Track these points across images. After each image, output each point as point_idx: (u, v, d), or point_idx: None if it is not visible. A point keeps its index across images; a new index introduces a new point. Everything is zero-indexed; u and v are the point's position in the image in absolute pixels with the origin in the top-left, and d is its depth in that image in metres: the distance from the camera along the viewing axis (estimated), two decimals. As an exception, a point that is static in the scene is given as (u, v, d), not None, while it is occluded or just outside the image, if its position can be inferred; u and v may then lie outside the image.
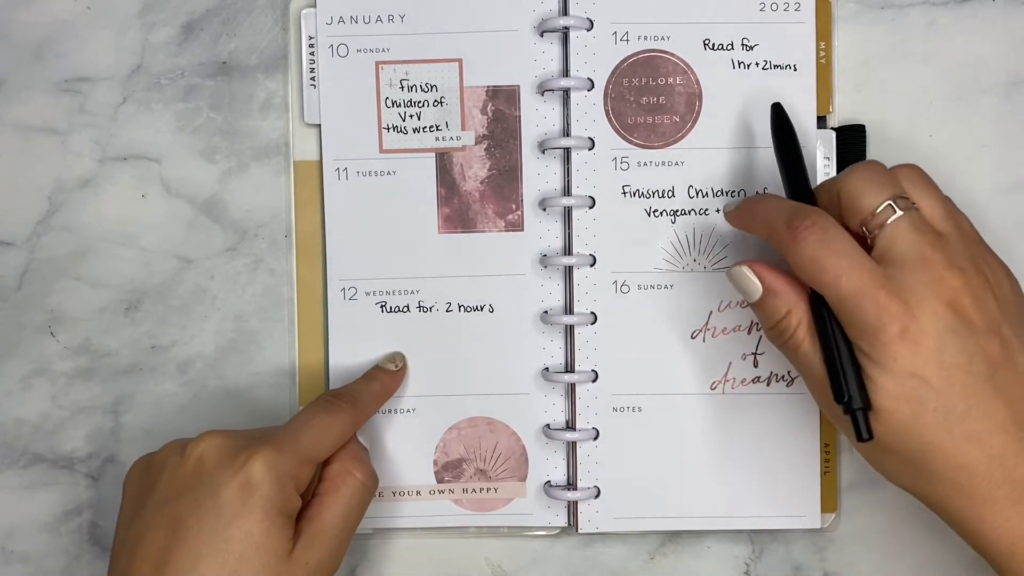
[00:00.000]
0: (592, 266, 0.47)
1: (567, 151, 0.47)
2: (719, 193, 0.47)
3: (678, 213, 0.47)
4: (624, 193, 0.47)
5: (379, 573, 0.49)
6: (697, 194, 0.47)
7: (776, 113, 0.44)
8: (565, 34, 0.47)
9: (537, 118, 0.47)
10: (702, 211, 0.47)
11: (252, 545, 0.38)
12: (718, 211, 0.47)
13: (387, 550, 0.49)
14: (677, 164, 0.47)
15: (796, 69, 0.47)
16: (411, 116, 0.47)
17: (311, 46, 0.48)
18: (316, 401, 0.43)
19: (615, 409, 0.47)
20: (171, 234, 0.49)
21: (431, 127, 0.47)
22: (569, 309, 0.47)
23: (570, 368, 0.47)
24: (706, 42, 0.47)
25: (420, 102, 0.47)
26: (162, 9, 0.49)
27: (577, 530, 0.48)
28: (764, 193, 0.46)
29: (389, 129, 0.48)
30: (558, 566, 0.49)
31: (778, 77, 0.47)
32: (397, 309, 0.48)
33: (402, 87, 0.47)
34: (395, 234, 0.48)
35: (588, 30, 0.47)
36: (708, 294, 0.47)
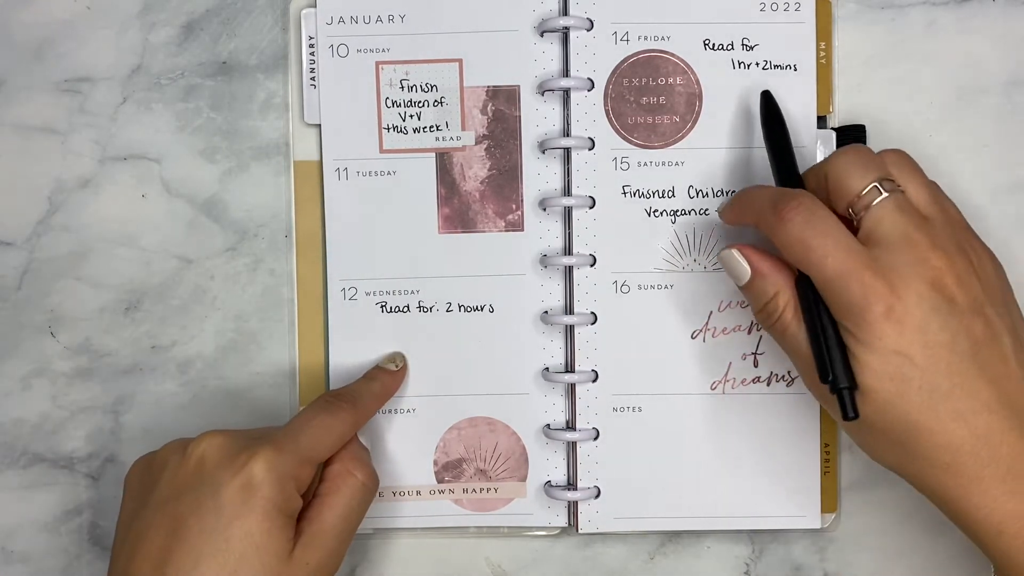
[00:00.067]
0: (592, 266, 0.47)
1: (567, 151, 0.47)
2: (719, 193, 0.47)
3: (678, 213, 0.47)
4: (624, 193, 0.47)
5: (379, 573, 0.49)
6: (697, 194, 0.47)
7: (765, 100, 0.44)
8: (565, 34, 0.47)
9: (537, 118, 0.47)
10: (702, 211, 0.47)
11: (252, 545, 0.38)
12: (718, 211, 0.47)
13: (387, 550, 0.49)
14: (677, 164, 0.47)
15: (796, 69, 0.47)
16: (411, 116, 0.47)
17: (311, 46, 0.48)
18: (316, 401, 0.43)
19: (615, 409, 0.47)
20: (171, 234, 0.49)
21: (431, 127, 0.47)
22: (569, 309, 0.47)
23: (570, 368, 0.47)
24: (706, 42, 0.47)
25: (420, 102, 0.47)
26: (162, 9, 0.49)
27: (577, 530, 0.48)
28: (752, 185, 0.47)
29: (389, 129, 0.48)
30: (558, 566, 0.49)
31: (778, 77, 0.47)
32: (397, 309, 0.48)
33: (402, 87, 0.47)
34: (395, 234, 0.48)
35: (588, 30, 0.47)
36: (708, 294, 0.47)
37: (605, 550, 0.49)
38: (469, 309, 0.48)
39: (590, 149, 0.47)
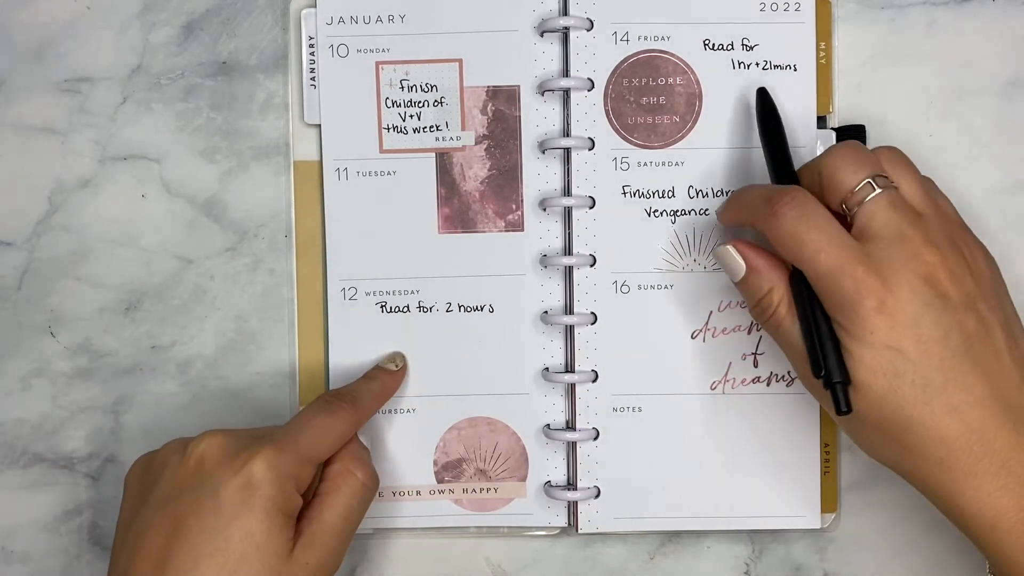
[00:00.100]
0: (592, 266, 0.47)
1: (567, 151, 0.47)
2: (719, 193, 0.47)
3: (678, 213, 0.47)
4: (624, 193, 0.47)
5: (379, 573, 0.49)
6: (697, 194, 0.47)
7: (761, 98, 0.45)
8: (565, 34, 0.47)
9: (537, 118, 0.47)
10: (702, 211, 0.47)
11: (252, 545, 0.38)
12: (716, 213, 0.47)
13: (387, 550, 0.49)
14: (677, 164, 0.47)
15: (796, 69, 0.47)
16: (411, 116, 0.47)
17: (311, 46, 0.48)
18: (316, 401, 0.43)
19: (615, 409, 0.47)
20: (171, 234, 0.49)
21: (431, 127, 0.47)
22: (569, 309, 0.47)
23: (570, 368, 0.47)
24: (706, 42, 0.47)
25: (420, 102, 0.47)
26: (162, 9, 0.49)
27: (577, 530, 0.48)
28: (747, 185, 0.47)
29: (389, 129, 0.48)
30: (558, 566, 0.49)
31: (778, 77, 0.47)
32: (397, 309, 0.48)
33: (402, 87, 0.47)
34: (395, 234, 0.48)
35: (588, 30, 0.47)
36: (708, 294, 0.47)
37: (605, 550, 0.49)
38: (469, 309, 0.48)
39: (590, 149, 0.47)
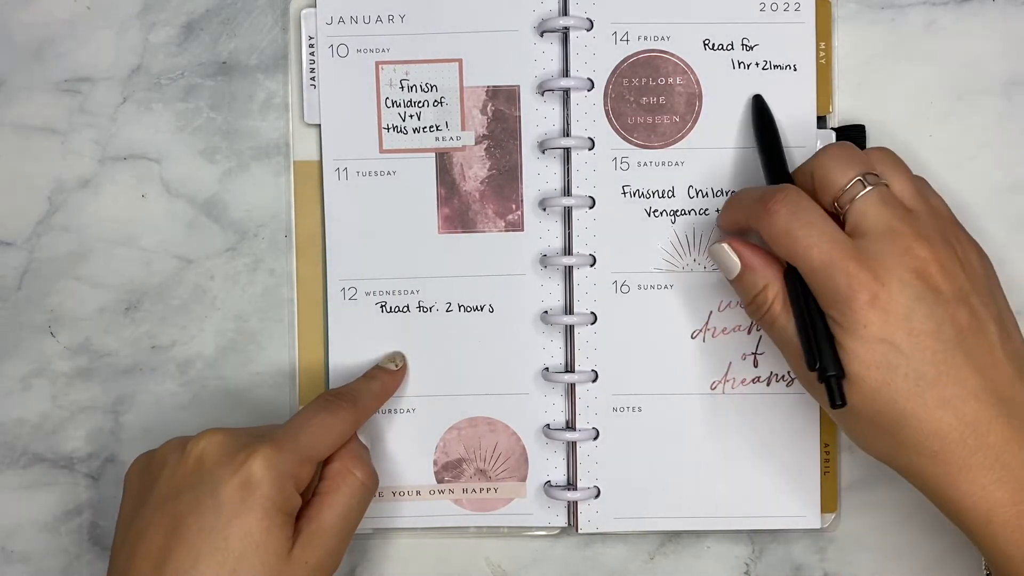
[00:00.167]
0: (592, 266, 0.47)
1: (567, 151, 0.47)
2: (719, 193, 0.47)
3: (678, 213, 0.47)
4: (624, 193, 0.47)
5: (379, 573, 0.49)
6: (697, 194, 0.47)
7: (757, 104, 0.46)
8: (565, 34, 0.47)
9: (537, 118, 0.47)
10: (702, 211, 0.47)
11: (252, 544, 0.38)
12: (718, 211, 0.47)
13: (387, 550, 0.49)
14: (677, 164, 0.47)
15: (796, 69, 0.47)
16: (411, 116, 0.47)
17: (311, 46, 0.48)
18: (316, 400, 0.43)
19: (615, 409, 0.47)
20: (171, 234, 0.49)
21: (431, 127, 0.47)
22: (569, 309, 0.47)
23: (570, 368, 0.47)
24: (706, 42, 0.47)
25: (420, 102, 0.47)
26: (162, 9, 0.49)
27: (577, 530, 0.48)
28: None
29: (389, 129, 0.48)
30: (558, 566, 0.49)
31: (778, 77, 0.47)
32: (397, 309, 0.48)
33: (402, 87, 0.47)
34: (395, 234, 0.48)
35: (588, 30, 0.47)
36: (708, 294, 0.47)
37: (605, 550, 0.49)
38: (469, 309, 0.48)
39: (590, 149, 0.47)
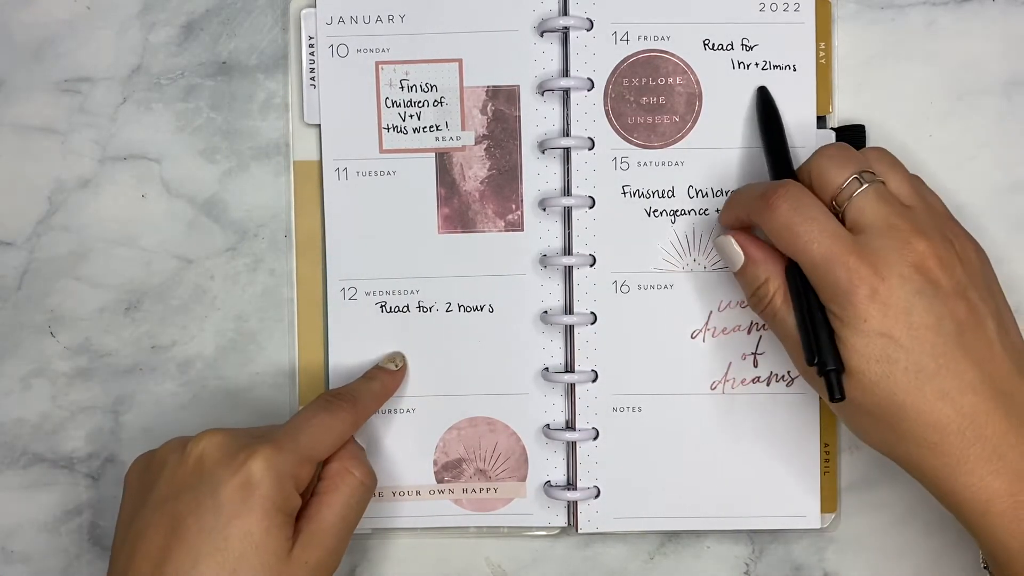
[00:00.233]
0: (592, 266, 0.47)
1: (567, 151, 0.47)
2: (719, 193, 0.47)
3: (678, 213, 0.47)
4: (624, 193, 0.47)
5: (379, 573, 0.49)
6: (697, 194, 0.47)
7: (761, 96, 0.46)
8: (565, 34, 0.47)
9: (537, 118, 0.47)
10: (702, 211, 0.47)
11: (251, 544, 0.38)
12: (718, 211, 0.47)
13: (387, 550, 0.49)
14: (677, 164, 0.47)
15: (796, 69, 0.47)
16: (411, 116, 0.47)
17: (311, 46, 0.48)
18: (316, 400, 0.43)
19: (615, 409, 0.47)
20: (171, 234, 0.49)
21: (431, 127, 0.47)
22: (569, 309, 0.47)
23: (570, 368, 0.47)
24: (706, 42, 0.47)
25: (420, 102, 0.47)
26: (162, 9, 0.49)
27: (577, 530, 0.48)
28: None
29: (389, 129, 0.48)
30: (558, 566, 0.49)
31: (778, 77, 0.47)
32: (397, 309, 0.48)
33: (402, 87, 0.47)
34: (395, 234, 0.48)
35: (588, 30, 0.47)
36: (708, 294, 0.47)
37: (605, 550, 0.49)
38: (469, 309, 0.48)
39: (590, 149, 0.47)
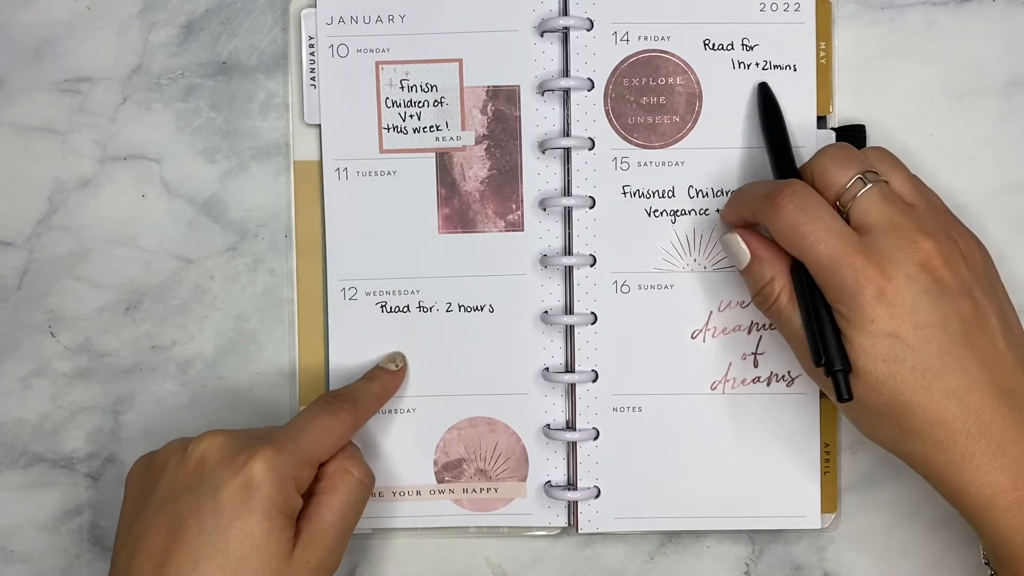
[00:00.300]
0: (592, 266, 0.47)
1: (567, 151, 0.47)
2: (719, 193, 0.47)
3: (678, 213, 0.47)
4: (624, 193, 0.47)
5: (379, 573, 0.49)
6: (697, 194, 0.47)
7: (763, 92, 0.45)
8: (565, 34, 0.47)
9: (537, 118, 0.47)
10: (702, 211, 0.47)
11: (253, 546, 0.38)
12: (718, 211, 0.47)
13: (387, 550, 0.49)
14: (677, 164, 0.47)
15: (796, 69, 0.47)
16: (411, 116, 0.47)
17: (311, 46, 0.48)
18: (317, 401, 0.43)
19: (615, 409, 0.47)
20: (171, 234, 0.49)
21: (431, 127, 0.47)
22: (569, 309, 0.47)
23: (570, 368, 0.47)
24: (706, 42, 0.47)
25: (420, 102, 0.47)
26: (162, 9, 0.49)
27: (577, 530, 0.48)
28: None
29: (389, 129, 0.48)
30: (558, 566, 0.49)
31: (778, 77, 0.47)
32: (397, 309, 0.48)
33: (402, 87, 0.47)
34: (395, 234, 0.48)
35: (588, 30, 0.47)
36: (708, 294, 0.47)
37: (605, 550, 0.49)
38: (469, 309, 0.48)
39: (590, 149, 0.47)
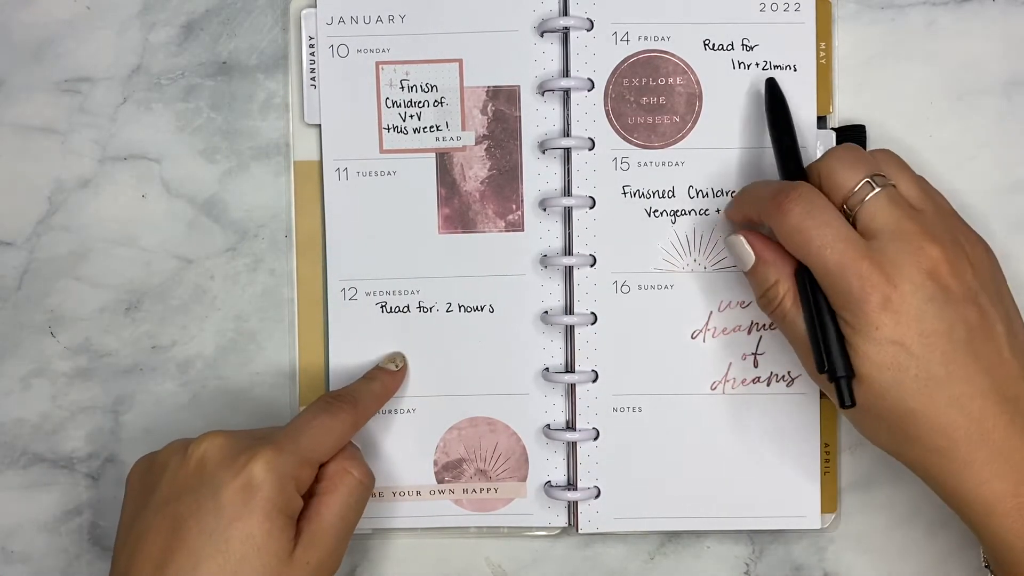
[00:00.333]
0: (592, 266, 0.47)
1: (567, 151, 0.47)
2: (719, 193, 0.47)
3: (678, 213, 0.47)
4: (624, 193, 0.47)
5: (379, 573, 0.49)
6: (697, 194, 0.47)
7: (770, 88, 0.45)
8: (565, 34, 0.47)
9: (537, 118, 0.47)
10: (702, 211, 0.47)
11: (253, 547, 0.38)
12: (718, 211, 0.47)
13: (387, 550, 0.49)
14: (677, 164, 0.47)
15: (796, 69, 0.47)
16: (411, 116, 0.47)
17: (311, 46, 0.48)
18: (317, 402, 0.43)
19: (615, 409, 0.47)
20: (171, 234, 0.49)
21: (431, 127, 0.47)
22: (569, 309, 0.47)
23: (570, 368, 0.47)
24: (706, 42, 0.47)
25: (420, 102, 0.47)
26: (162, 9, 0.49)
27: (577, 530, 0.48)
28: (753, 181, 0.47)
29: (389, 129, 0.48)
30: (558, 566, 0.49)
31: (778, 77, 0.46)
32: (397, 309, 0.48)
33: (402, 87, 0.47)
34: (395, 234, 0.48)
35: (588, 30, 0.47)
36: (708, 294, 0.47)
37: (605, 550, 0.49)
38: (469, 309, 0.48)
39: (590, 149, 0.47)
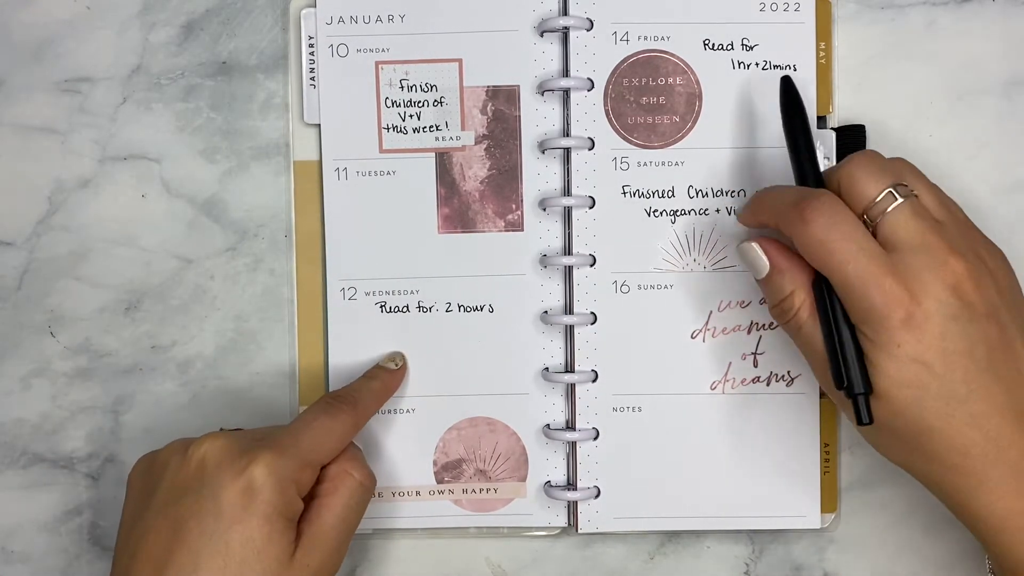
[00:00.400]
0: (592, 266, 0.47)
1: (567, 151, 0.47)
2: (719, 193, 0.47)
3: (678, 213, 0.47)
4: (624, 193, 0.47)
5: (379, 573, 0.49)
6: (697, 194, 0.47)
7: (786, 87, 0.43)
8: (565, 34, 0.47)
9: (537, 118, 0.47)
10: (702, 211, 0.47)
11: (253, 550, 0.38)
12: (718, 211, 0.47)
13: (387, 550, 0.49)
14: (677, 164, 0.47)
15: (796, 69, 0.47)
16: (411, 116, 0.47)
17: (311, 46, 0.48)
18: (317, 403, 0.43)
19: (615, 409, 0.47)
20: (171, 234, 0.49)
21: (431, 127, 0.47)
22: (569, 309, 0.47)
23: (570, 368, 0.47)
24: (706, 42, 0.47)
25: (420, 102, 0.47)
26: (162, 9, 0.49)
27: (577, 530, 0.48)
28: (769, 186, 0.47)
29: (389, 129, 0.48)
30: (558, 566, 0.49)
31: (778, 77, 0.46)
32: (397, 309, 0.48)
33: (402, 87, 0.47)
34: (395, 234, 0.48)
35: (588, 30, 0.47)
36: (708, 294, 0.47)
37: (605, 550, 0.49)
38: (469, 309, 0.48)
39: (590, 149, 0.47)
